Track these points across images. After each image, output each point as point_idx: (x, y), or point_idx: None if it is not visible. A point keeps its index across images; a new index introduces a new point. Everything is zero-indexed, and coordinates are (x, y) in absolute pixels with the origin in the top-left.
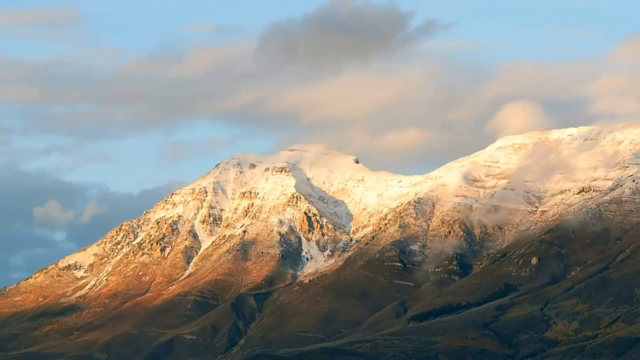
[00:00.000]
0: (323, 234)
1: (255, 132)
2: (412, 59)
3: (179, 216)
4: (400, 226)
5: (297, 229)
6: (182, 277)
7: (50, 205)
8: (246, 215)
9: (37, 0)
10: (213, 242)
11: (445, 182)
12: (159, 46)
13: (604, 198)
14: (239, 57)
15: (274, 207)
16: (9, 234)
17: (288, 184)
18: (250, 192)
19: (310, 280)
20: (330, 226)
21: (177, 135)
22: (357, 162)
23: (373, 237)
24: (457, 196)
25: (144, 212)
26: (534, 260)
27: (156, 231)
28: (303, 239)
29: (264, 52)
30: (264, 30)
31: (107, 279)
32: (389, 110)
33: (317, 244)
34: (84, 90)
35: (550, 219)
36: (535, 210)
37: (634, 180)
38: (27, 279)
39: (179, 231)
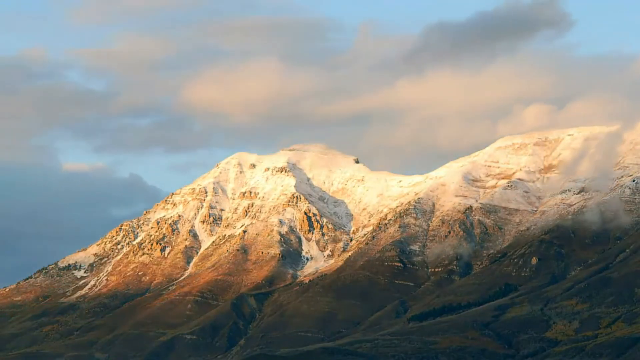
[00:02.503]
0: (323, 234)
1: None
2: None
3: (179, 216)
4: (400, 226)
5: (297, 229)
6: (182, 277)
7: None
8: (246, 215)
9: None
10: (213, 242)
11: (445, 182)
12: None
13: (604, 198)
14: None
15: (274, 207)
16: None
17: (288, 184)
18: (250, 192)
19: (310, 280)
20: (330, 226)
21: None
22: (357, 162)
23: (373, 237)
24: (457, 196)
25: (144, 212)
26: (534, 260)
27: (156, 231)
28: (303, 239)
29: (423, 48)
30: (425, 28)
31: (107, 279)
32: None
33: (317, 244)
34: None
35: (550, 219)
36: (535, 210)
37: (634, 180)
38: (27, 279)
39: (179, 231)
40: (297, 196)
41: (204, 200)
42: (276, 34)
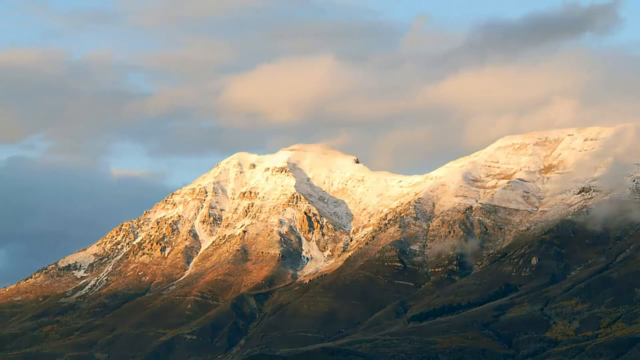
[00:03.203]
0: (323, 234)
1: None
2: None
3: (179, 216)
4: (400, 226)
5: (297, 229)
6: (182, 277)
7: None
8: (246, 215)
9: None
10: (213, 242)
11: (445, 182)
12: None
13: (604, 198)
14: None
15: (274, 207)
16: None
17: (288, 184)
18: (250, 192)
19: (310, 280)
20: (330, 226)
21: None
22: (357, 162)
23: (373, 237)
24: (457, 196)
25: (144, 212)
26: (534, 260)
27: (156, 231)
28: (303, 239)
29: (472, 47)
30: (476, 26)
31: (107, 279)
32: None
33: (317, 244)
34: None
35: (550, 219)
36: (535, 210)
37: (634, 180)
38: (27, 279)
39: (179, 231)
40: (297, 196)
41: (204, 200)
42: (335, 33)
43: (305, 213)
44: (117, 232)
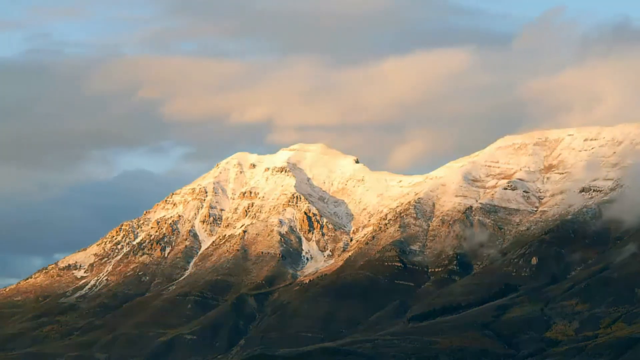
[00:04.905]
0: (323, 234)
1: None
2: None
3: (179, 216)
4: (400, 226)
5: (297, 229)
6: (182, 277)
7: None
8: (246, 215)
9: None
10: (213, 242)
11: (445, 182)
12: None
13: (604, 198)
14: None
15: (274, 207)
16: None
17: (288, 183)
18: (250, 192)
19: (310, 280)
20: (330, 226)
21: None
22: (357, 162)
23: (373, 237)
24: (457, 196)
25: (144, 212)
26: (534, 260)
27: (156, 231)
28: (303, 239)
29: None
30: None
31: (107, 279)
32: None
33: (317, 244)
34: None
35: (550, 219)
36: (535, 210)
37: (634, 180)
38: (27, 278)
39: (179, 231)
40: (297, 196)
41: (204, 200)
42: (472, 31)
43: (305, 213)
44: (117, 232)
